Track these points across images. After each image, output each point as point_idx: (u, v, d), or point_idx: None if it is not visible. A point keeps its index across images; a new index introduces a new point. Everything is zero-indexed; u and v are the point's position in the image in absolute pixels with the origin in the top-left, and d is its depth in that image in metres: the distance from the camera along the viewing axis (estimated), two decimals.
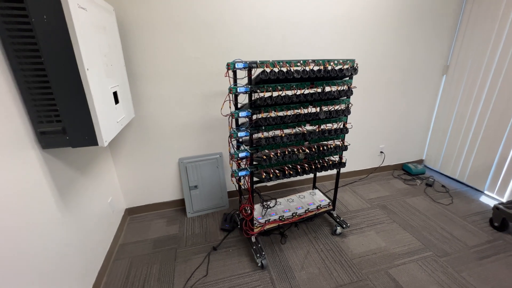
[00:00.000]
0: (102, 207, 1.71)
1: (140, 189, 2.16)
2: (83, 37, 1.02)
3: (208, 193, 2.21)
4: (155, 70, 1.85)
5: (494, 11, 2.19)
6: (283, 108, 1.44)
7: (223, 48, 1.93)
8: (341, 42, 2.21)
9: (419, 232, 1.94)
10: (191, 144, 2.14)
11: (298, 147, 1.56)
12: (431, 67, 2.62)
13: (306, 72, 1.34)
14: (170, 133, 2.05)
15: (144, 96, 1.90)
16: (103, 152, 1.83)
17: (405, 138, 2.87)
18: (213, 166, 2.19)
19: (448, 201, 2.34)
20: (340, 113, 1.56)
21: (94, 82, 1.09)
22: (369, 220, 2.08)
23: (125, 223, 2.09)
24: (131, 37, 1.73)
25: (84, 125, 1.10)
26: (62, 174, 1.27)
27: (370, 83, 2.45)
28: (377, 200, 2.38)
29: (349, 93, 1.53)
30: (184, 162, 2.11)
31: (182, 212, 2.24)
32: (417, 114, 2.79)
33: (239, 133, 1.37)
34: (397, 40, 2.36)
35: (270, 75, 1.27)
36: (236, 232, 1.97)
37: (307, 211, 1.86)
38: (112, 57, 1.40)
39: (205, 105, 2.05)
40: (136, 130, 1.96)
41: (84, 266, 1.37)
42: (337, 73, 1.43)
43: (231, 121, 1.36)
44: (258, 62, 1.28)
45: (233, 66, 1.25)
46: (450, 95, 2.65)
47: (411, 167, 2.85)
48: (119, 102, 1.44)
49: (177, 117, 2.02)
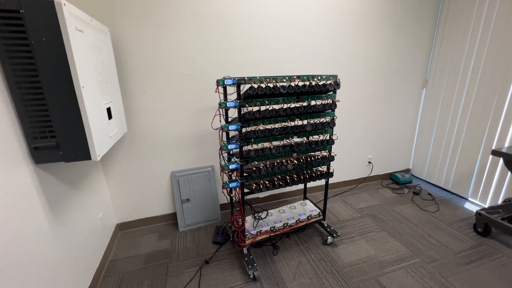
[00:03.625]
0: (93, 223, 1.70)
1: (132, 204, 2.15)
2: (79, 57, 1.08)
3: (200, 206, 2.22)
4: (148, 86, 1.92)
5: (466, 26, 2.38)
6: (271, 121, 1.51)
7: (214, 65, 2.03)
8: (324, 59, 2.34)
9: (407, 239, 1.99)
10: (183, 158, 2.17)
11: (287, 158, 1.62)
12: (413, 81, 2.78)
13: (291, 88, 1.43)
14: (162, 147, 2.09)
15: (137, 112, 1.95)
16: (94, 166, 1.85)
17: (392, 148, 2.98)
18: (205, 179, 2.22)
19: (434, 209, 2.41)
20: (326, 125, 1.65)
21: (88, 98, 1.14)
22: (359, 229, 2.12)
23: (116, 238, 2.07)
24: (125, 55, 1.81)
25: (78, 140, 1.13)
26: (53, 188, 1.28)
27: (356, 96, 2.58)
28: (366, 209, 2.43)
29: (333, 106, 1.62)
30: (176, 175, 2.14)
31: (174, 226, 2.23)
32: (402, 125, 2.93)
33: (229, 146, 1.42)
34: (380, 55, 2.52)
35: (257, 90, 1.35)
36: (229, 244, 1.97)
37: (298, 221, 1.89)
38: (107, 74, 1.46)
39: (197, 119, 2.12)
40: (129, 145, 2.00)
41: (73, 282, 1.35)
42: (321, 88, 1.52)
43: (221, 134, 1.42)
44: (246, 79, 1.36)
45: (222, 82, 1.33)
46: (430, 107, 2.80)
47: (399, 176, 2.94)
48: (112, 117, 1.49)
49: (169, 131, 2.07)
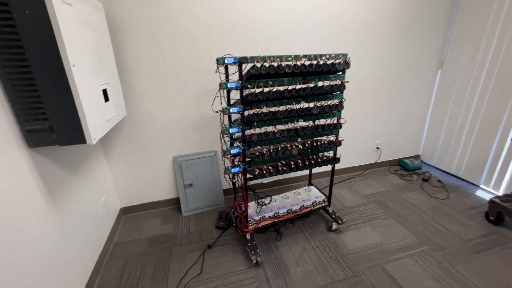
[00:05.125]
0: (95, 207, 1.69)
1: (135, 188, 2.14)
2: (68, 33, 1.00)
3: (203, 191, 2.19)
4: (148, 67, 1.83)
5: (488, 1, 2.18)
6: (275, 103, 1.43)
7: (216, 45, 1.92)
8: (334, 38, 2.19)
9: (415, 227, 1.93)
10: (186, 142, 2.12)
11: (292, 143, 1.55)
12: (427, 62, 2.61)
13: (297, 67, 1.33)
14: (164, 131, 2.04)
15: (136, 94, 1.88)
16: (95, 150, 1.81)
17: (402, 133, 2.87)
18: (208, 164, 2.18)
19: (444, 196, 2.33)
20: (334, 108, 1.55)
21: (80, 79, 1.07)
22: (365, 216, 2.08)
23: (120, 222, 2.08)
24: (122, 34, 1.71)
25: (72, 123, 1.08)
26: (51, 173, 1.25)
27: (365, 78, 2.44)
28: (373, 196, 2.37)
29: (342, 88, 1.52)
30: (178, 160, 2.10)
31: (178, 210, 2.22)
32: (413, 109, 2.79)
33: (230, 130, 1.36)
34: (391, 34, 2.35)
35: (260, 69, 1.26)
36: (232, 230, 1.96)
37: (302, 207, 1.85)
38: (101, 54, 1.38)
39: (199, 102, 2.04)
40: (129, 128, 1.95)
41: (76, 266, 1.36)
42: (329, 68, 1.41)
43: (222, 117, 1.35)
44: (249, 57, 1.27)
45: (222, 61, 1.23)
46: (445, 90, 2.64)
47: (408, 163, 2.85)
48: (109, 100, 1.43)
49: (171, 115, 2.01)
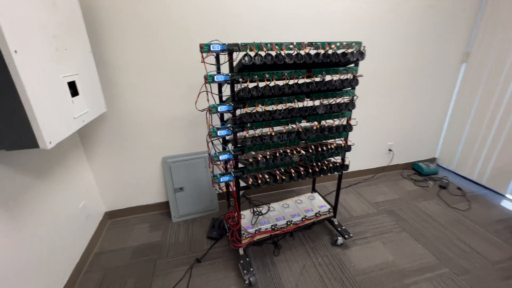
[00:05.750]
0: (71, 214, 1.51)
1: (121, 191, 1.96)
2: (6, 9, 0.79)
3: (195, 196, 2.00)
4: (133, 57, 1.62)
5: None
6: (273, 101, 1.20)
7: (210, 31, 1.68)
8: (343, 24, 1.92)
9: (433, 243, 1.70)
10: (176, 142, 1.92)
11: (292, 148, 1.32)
12: (448, 54, 2.31)
13: (300, 57, 1.09)
14: (151, 129, 1.83)
15: (119, 87, 1.67)
16: (74, 151, 1.63)
17: (417, 134, 2.59)
18: (200, 166, 1.97)
19: (465, 206, 2.08)
20: (343, 107, 1.31)
21: (28, 68, 0.86)
22: (375, 228, 1.85)
23: (105, 227, 1.91)
24: (101, 18, 1.49)
25: (19, 123, 0.88)
26: (7, 182, 1.06)
27: (376, 71, 2.16)
28: (384, 204, 2.13)
29: (354, 83, 1.27)
30: (168, 161, 1.90)
31: (167, 215, 2.04)
32: (430, 108, 2.50)
33: (218, 132, 1.14)
34: (407, 22, 2.06)
35: (254, 59, 1.02)
36: (225, 240, 1.76)
37: (304, 219, 1.64)
38: (67, 39, 1.17)
39: (191, 96, 1.82)
40: (112, 126, 1.75)
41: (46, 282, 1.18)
42: (339, 59, 1.17)
43: (210, 117, 1.13)
44: (240, 44, 1.03)
45: (207, 48, 1.00)
46: (470, 86, 2.35)
47: (423, 167, 2.58)
48: (79, 94, 1.22)
49: (159, 111, 1.80)
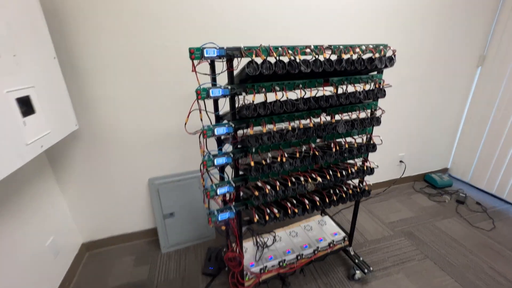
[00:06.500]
0: (34, 254, 1.23)
1: (101, 218, 1.68)
2: None
3: (188, 222, 1.73)
4: (110, 63, 1.36)
5: None
6: (283, 117, 0.96)
7: (201, 33, 1.44)
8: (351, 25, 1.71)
9: (462, 273, 1.48)
10: (165, 160, 1.66)
11: (306, 174, 1.08)
12: (462, 57, 2.12)
13: (320, 64, 0.85)
14: (135, 146, 1.57)
15: (95, 100, 1.41)
16: (40, 177, 1.35)
17: (429, 143, 2.39)
18: (194, 187, 1.71)
19: (489, 225, 1.88)
20: (367, 124, 1.08)
21: None
22: (395, 256, 1.62)
23: (81, 264, 1.62)
24: (68, 17, 1.23)
25: None
26: None
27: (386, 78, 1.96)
28: (400, 224, 1.91)
29: (381, 94, 1.04)
30: (155, 183, 1.63)
31: (156, 244, 1.76)
32: (443, 115, 2.31)
33: (215, 160, 0.89)
34: (418, 24, 1.86)
35: (262, 68, 0.78)
36: (223, 276, 1.50)
37: (317, 251, 1.40)
38: (17, 43, 0.90)
39: (181, 108, 1.57)
40: (88, 145, 1.48)
41: None
42: (365, 65, 0.94)
43: (203, 141, 0.88)
44: (243, 48, 0.79)
45: (199, 54, 0.76)
46: (487, 91, 2.16)
47: (436, 179, 2.39)
48: (35, 112, 0.96)
49: (144, 126, 1.54)
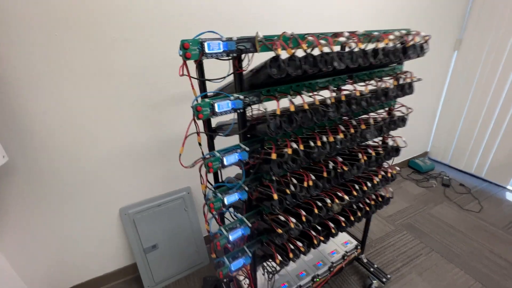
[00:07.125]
0: None
1: (59, 266, 1.30)
2: None
3: (175, 252, 1.45)
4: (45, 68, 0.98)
5: None
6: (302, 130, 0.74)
7: (184, 23, 1.12)
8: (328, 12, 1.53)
9: (468, 263, 1.47)
10: (139, 183, 1.33)
11: (330, 193, 0.89)
12: (439, 41, 2.11)
13: (355, 58, 0.64)
14: (97, 169, 1.21)
15: (31, 118, 1.02)
16: None
17: (409, 128, 2.38)
18: (177, 210, 1.42)
19: (477, 207, 1.94)
20: (393, 126, 0.92)
21: None
22: (402, 253, 1.56)
23: None
24: None
25: None
26: None
27: None
28: (398, 217, 1.87)
29: (410, 91, 0.88)
30: (129, 213, 1.31)
31: (137, 282, 1.45)
32: (421, 99, 2.31)
33: (225, 198, 0.64)
34: (393, 7, 1.76)
35: (288, 65, 0.54)
36: None
37: (332, 268, 1.24)
38: None
39: (155, 117, 1.25)
40: (28, 179, 1.08)
41: None
42: (399, 56, 0.75)
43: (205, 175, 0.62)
44: (260, 37, 0.53)
45: (199, 47, 0.49)
46: (465, 74, 2.20)
47: (420, 164, 2.42)
48: None
49: (108, 143, 1.19)
